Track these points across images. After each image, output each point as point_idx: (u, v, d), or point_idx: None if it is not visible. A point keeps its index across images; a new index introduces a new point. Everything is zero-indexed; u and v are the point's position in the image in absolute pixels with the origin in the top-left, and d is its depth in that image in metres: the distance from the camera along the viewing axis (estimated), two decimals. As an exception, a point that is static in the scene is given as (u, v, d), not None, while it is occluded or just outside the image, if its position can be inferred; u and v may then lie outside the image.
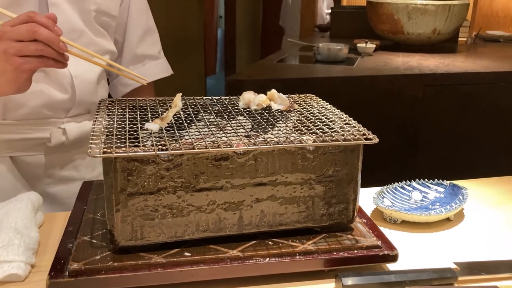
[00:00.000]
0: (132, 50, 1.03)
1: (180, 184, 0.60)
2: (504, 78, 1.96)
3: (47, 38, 0.69)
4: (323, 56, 2.15)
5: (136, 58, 1.04)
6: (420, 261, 0.68)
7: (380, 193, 0.84)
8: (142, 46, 1.04)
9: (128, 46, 1.03)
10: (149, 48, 1.06)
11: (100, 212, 0.71)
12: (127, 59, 1.04)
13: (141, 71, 1.05)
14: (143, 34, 1.04)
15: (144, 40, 1.04)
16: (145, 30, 1.05)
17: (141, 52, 1.04)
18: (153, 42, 1.06)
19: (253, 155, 0.61)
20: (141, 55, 1.04)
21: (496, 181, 0.98)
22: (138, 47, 1.04)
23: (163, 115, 0.70)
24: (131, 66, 1.04)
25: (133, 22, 1.02)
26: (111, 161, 0.57)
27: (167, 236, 0.61)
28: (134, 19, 1.02)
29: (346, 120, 0.70)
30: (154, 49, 1.07)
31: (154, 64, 1.07)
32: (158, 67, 1.08)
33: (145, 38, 1.04)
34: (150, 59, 1.06)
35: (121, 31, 1.02)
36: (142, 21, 1.04)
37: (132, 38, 1.03)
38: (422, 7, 2.32)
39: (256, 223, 0.64)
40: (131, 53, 1.04)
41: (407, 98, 1.85)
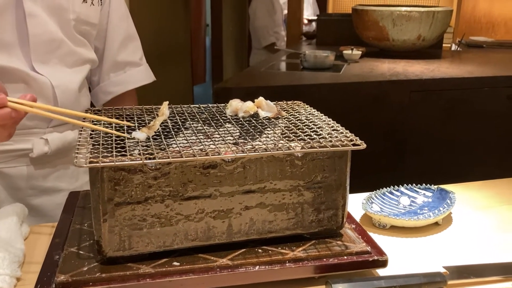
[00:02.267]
0: (113, 57, 1.02)
1: (168, 193, 0.59)
2: (488, 83, 1.99)
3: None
4: (309, 63, 2.16)
5: (117, 65, 1.03)
6: (410, 266, 0.68)
7: (368, 199, 0.84)
8: (123, 53, 1.03)
9: (109, 53, 1.02)
10: (130, 55, 1.04)
11: (87, 223, 0.70)
12: (108, 66, 1.02)
13: (122, 78, 1.04)
14: (124, 41, 1.03)
15: (125, 47, 1.03)
16: (126, 36, 1.03)
17: (122, 59, 1.03)
18: (134, 49, 1.05)
19: (241, 162, 0.61)
20: (122, 62, 1.03)
21: (483, 185, 0.99)
22: (119, 54, 1.02)
23: (150, 124, 0.69)
24: (112, 73, 1.03)
25: (113, 29, 1.01)
26: (98, 170, 0.57)
27: (155, 246, 0.61)
28: (114, 26, 1.01)
29: (334, 126, 0.70)
30: (135, 56, 1.05)
31: (135, 71, 1.05)
32: (140, 74, 1.06)
33: (126, 45, 1.03)
34: (131, 66, 1.05)
35: (101, 38, 1.00)
36: (122, 28, 1.02)
37: (113, 45, 1.01)
38: (407, 14, 2.35)
39: (246, 231, 0.64)
40: (112, 60, 1.02)
41: (394, 104, 1.87)
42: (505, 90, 1.99)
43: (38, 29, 0.83)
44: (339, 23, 2.98)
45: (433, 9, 2.38)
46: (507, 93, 1.99)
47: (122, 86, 1.04)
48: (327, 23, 3.06)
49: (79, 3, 0.89)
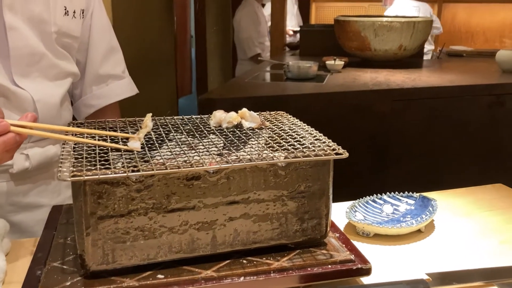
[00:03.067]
0: (95, 70, 1.01)
1: (151, 206, 0.59)
2: (469, 91, 2.03)
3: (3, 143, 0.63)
4: (293, 74, 2.18)
5: (99, 78, 1.02)
6: (393, 273, 0.69)
7: (352, 207, 0.85)
8: (105, 66, 1.02)
9: (91, 66, 1.01)
10: (113, 68, 1.04)
11: (70, 237, 0.70)
12: (90, 79, 1.02)
13: (105, 91, 1.03)
14: (106, 54, 1.02)
15: (107, 60, 1.03)
16: (108, 49, 1.03)
17: (104, 72, 1.02)
18: (116, 62, 1.05)
19: (225, 173, 0.61)
20: (105, 75, 1.03)
21: (465, 192, 1.01)
22: (101, 67, 1.02)
23: (133, 136, 0.69)
24: (95, 86, 1.02)
25: (95, 42, 1.00)
26: (81, 184, 0.56)
27: (139, 259, 0.60)
28: (96, 39, 1.00)
29: (317, 136, 0.71)
30: (118, 69, 1.05)
31: (118, 84, 1.05)
32: (122, 87, 1.06)
33: (108, 58, 1.03)
34: (114, 79, 1.04)
35: (83, 51, 1.00)
36: (104, 41, 1.02)
37: (95, 58, 1.01)
38: (388, 24, 2.39)
39: (230, 242, 0.64)
40: (94, 73, 1.02)
41: (376, 113, 1.89)
42: (485, 98, 2.03)
43: (19, 42, 0.83)
44: (322, 34, 3.02)
45: (413, 19, 2.43)
46: (487, 101, 2.03)
47: (104, 99, 1.04)
48: (310, 34, 3.10)
49: (61, 16, 0.89)
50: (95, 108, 1.03)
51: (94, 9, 1.00)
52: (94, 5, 1.00)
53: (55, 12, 0.88)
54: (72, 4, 0.92)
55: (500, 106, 2.04)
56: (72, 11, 0.92)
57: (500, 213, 0.90)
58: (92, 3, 0.99)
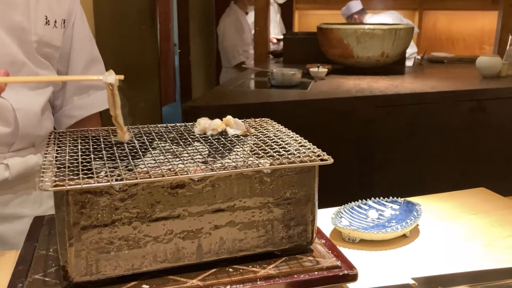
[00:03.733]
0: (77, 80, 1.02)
1: (135, 215, 0.58)
2: (450, 97, 2.06)
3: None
4: (277, 81, 2.19)
5: (80, 88, 1.02)
6: (380, 279, 0.69)
7: (337, 213, 0.85)
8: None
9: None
10: None
11: (52, 248, 0.68)
12: (72, 89, 1.01)
13: (86, 101, 1.03)
14: (88, 64, 1.02)
15: (89, 70, 1.02)
16: (89, 60, 1.03)
17: (85, 82, 1.02)
18: (98, 72, 1.04)
19: (210, 181, 0.61)
20: (86, 85, 1.02)
21: (448, 196, 1.02)
22: None
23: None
24: (76, 97, 1.02)
25: (77, 52, 1.00)
26: (63, 194, 0.56)
27: (123, 269, 0.59)
28: (77, 49, 1.00)
29: (301, 142, 0.71)
30: None
31: (99, 94, 1.05)
32: (103, 97, 1.05)
33: (89, 68, 1.03)
34: (95, 89, 1.04)
35: (64, 61, 0.99)
36: (86, 51, 1.02)
37: (76, 68, 1.01)
38: (370, 31, 2.42)
39: (216, 251, 0.63)
40: (76, 83, 1.01)
41: (360, 119, 1.91)
42: (467, 104, 2.07)
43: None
44: (305, 41, 3.04)
45: (395, 27, 2.46)
46: (469, 106, 2.06)
47: (86, 109, 1.03)
48: (293, 41, 3.11)
49: (42, 25, 0.88)
50: (76, 119, 1.02)
51: (76, 20, 1.00)
52: (76, 16, 0.99)
53: (36, 22, 0.87)
54: (53, 14, 0.91)
55: (481, 111, 2.07)
56: (53, 21, 0.91)
57: (483, 217, 0.91)
58: (74, 14, 0.99)
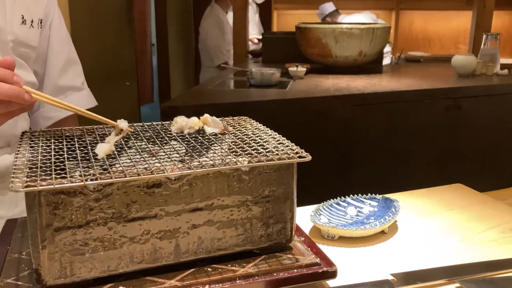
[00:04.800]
0: (54, 81, 1.00)
1: (110, 215, 0.57)
2: (427, 96, 2.09)
3: (10, 96, 0.65)
4: (256, 81, 2.19)
5: (58, 90, 1.00)
6: (359, 275, 0.69)
7: (317, 211, 0.85)
8: (65, 78, 1.01)
9: (50, 78, 0.99)
10: (72, 80, 1.03)
11: (25, 251, 0.67)
12: (49, 91, 0.99)
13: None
14: (65, 65, 1.01)
15: (66, 71, 1.01)
16: (67, 61, 1.02)
17: (63, 83, 1.01)
18: (75, 73, 1.03)
19: (187, 180, 0.60)
20: (64, 86, 1.01)
21: (426, 192, 1.03)
22: (60, 79, 1.00)
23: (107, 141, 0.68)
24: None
25: (54, 53, 0.99)
26: (35, 195, 0.54)
27: (99, 271, 0.58)
28: (55, 50, 0.99)
29: (280, 140, 0.71)
30: (77, 81, 1.04)
31: (77, 95, 1.04)
32: (82, 98, 1.04)
33: (67, 69, 1.01)
34: (73, 91, 1.03)
35: (41, 62, 0.98)
36: (63, 52, 1.01)
37: (54, 69, 0.99)
38: (348, 31, 2.43)
39: (194, 250, 0.62)
40: (53, 84, 1.00)
41: (338, 117, 1.92)
42: (442, 102, 2.10)
43: None
44: (283, 41, 3.05)
45: (372, 26, 2.49)
46: (445, 104, 2.10)
47: (63, 111, 1.01)
48: (272, 41, 3.12)
49: (18, 25, 0.86)
50: (53, 120, 1.01)
51: (53, 20, 0.98)
52: (53, 16, 0.98)
53: (12, 21, 0.85)
54: (30, 14, 0.89)
55: (457, 109, 2.11)
56: (29, 20, 0.89)
57: (460, 212, 0.92)
58: (51, 14, 0.97)
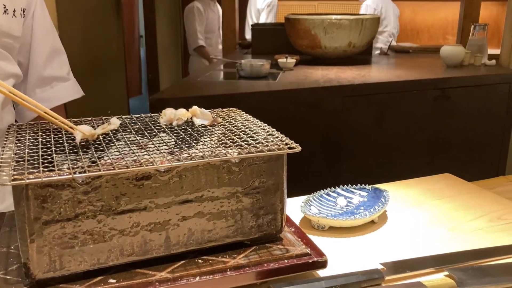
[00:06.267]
0: (39, 72, 0.98)
1: (100, 208, 0.57)
2: (416, 86, 2.10)
3: None
4: (246, 72, 2.18)
5: (43, 80, 0.99)
6: (349, 265, 0.69)
7: (307, 201, 0.85)
8: (49, 68, 0.99)
9: (34, 68, 0.98)
10: (57, 70, 1.01)
11: (14, 245, 0.66)
12: (34, 81, 0.98)
13: (49, 94, 1.00)
14: (50, 55, 0.99)
15: (51, 62, 1.00)
16: (52, 51, 1.00)
17: (48, 74, 0.99)
18: (61, 64, 1.02)
19: (176, 171, 0.60)
20: (49, 77, 1.00)
21: (414, 182, 1.04)
22: (45, 69, 0.99)
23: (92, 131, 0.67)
24: (38, 89, 0.99)
25: (38, 43, 0.97)
26: (22, 188, 0.53)
27: (89, 264, 0.58)
28: (39, 40, 0.97)
29: (269, 131, 0.71)
30: (62, 71, 1.02)
31: (63, 86, 1.02)
32: (67, 89, 1.03)
33: (52, 60, 1.00)
34: (58, 81, 1.01)
35: (24, 52, 0.96)
36: (47, 42, 0.99)
37: (38, 59, 0.98)
38: (337, 22, 2.43)
39: (184, 242, 0.62)
40: (38, 75, 0.98)
41: (328, 109, 1.92)
42: (431, 92, 2.11)
43: None
44: (273, 32, 3.04)
45: (361, 17, 2.48)
46: (433, 95, 2.11)
47: (49, 102, 1.00)
48: (261, 32, 3.10)
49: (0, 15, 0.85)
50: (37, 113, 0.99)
51: (36, 9, 0.96)
52: (36, 5, 0.96)
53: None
54: (12, 3, 0.88)
55: (445, 99, 2.12)
56: (12, 10, 0.88)
57: (448, 202, 0.93)
58: (34, 3, 0.95)
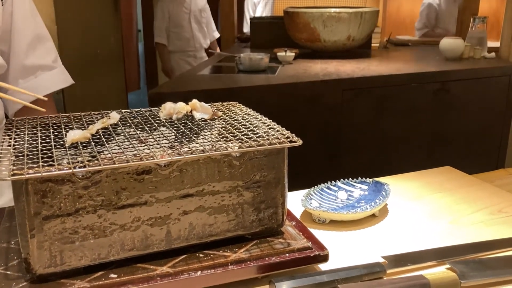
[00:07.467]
0: (20, 61, 0.92)
1: (100, 203, 0.56)
2: (415, 79, 2.09)
3: None
4: (245, 66, 2.17)
5: (25, 70, 0.93)
6: (350, 258, 0.69)
7: (307, 195, 0.85)
8: (32, 56, 0.94)
9: (15, 57, 0.92)
10: (41, 58, 0.95)
11: (14, 241, 0.66)
12: (15, 72, 0.93)
13: (33, 84, 0.94)
14: (32, 42, 0.93)
15: (34, 49, 0.93)
16: (34, 37, 0.94)
17: (31, 62, 0.93)
18: (45, 51, 0.96)
19: (177, 166, 0.59)
20: (31, 66, 0.94)
21: (415, 175, 1.04)
22: (27, 58, 0.93)
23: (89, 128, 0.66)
24: (21, 80, 0.93)
25: (18, 30, 0.91)
26: (22, 183, 0.53)
27: (90, 259, 0.58)
28: (19, 27, 0.91)
29: (270, 125, 0.70)
30: (47, 58, 0.96)
31: (48, 75, 0.96)
32: (53, 78, 0.97)
33: (34, 47, 0.93)
34: (43, 70, 0.95)
35: (6, 41, 0.91)
36: (29, 28, 0.93)
37: (19, 47, 0.92)
38: (336, 15, 2.42)
39: (185, 237, 0.62)
40: (19, 64, 0.93)
41: (328, 102, 1.92)
42: (431, 85, 2.10)
43: None
44: (272, 25, 3.02)
45: (360, 10, 2.47)
46: (433, 88, 2.10)
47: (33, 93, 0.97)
48: (260, 26, 3.09)
49: None
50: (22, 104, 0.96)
51: None
52: None
53: None
54: None
55: (445, 92, 2.12)
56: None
57: (448, 195, 0.93)
58: None
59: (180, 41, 3.93)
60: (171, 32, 3.92)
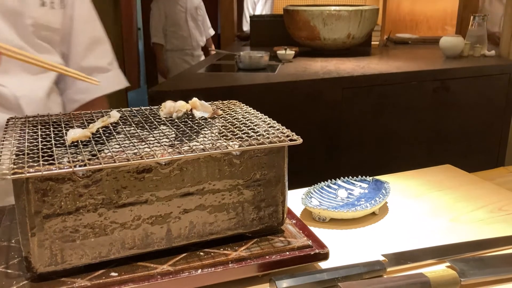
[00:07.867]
0: (78, 62, 0.95)
1: (100, 201, 0.56)
2: (415, 77, 2.09)
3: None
4: (245, 64, 2.17)
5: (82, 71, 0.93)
6: (351, 257, 0.69)
7: (307, 194, 0.85)
8: (89, 58, 0.96)
9: (73, 59, 0.95)
10: (97, 60, 0.97)
11: (15, 239, 0.66)
12: None
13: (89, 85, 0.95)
14: (90, 45, 0.96)
15: (91, 51, 0.96)
16: (92, 40, 0.96)
17: (87, 64, 0.96)
18: (102, 53, 0.98)
19: (177, 164, 0.59)
20: (88, 67, 0.96)
21: (415, 174, 1.04)
22: (84, 59, 0.95)
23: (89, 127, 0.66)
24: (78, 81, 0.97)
25: (78, 33, 0.94)
26: (23, 182, 0.53)
27: (90, 258, 0.58)
28: (78, 29, 0.94)
29: (270, 123, 0.70)
30: (103, 61, 0.99)
31: (103, 77, 0.99)
32: (108, 80, 0.99)
33: (92, 49, 0.96)
34: (99, 72, 0.98)
35: (66, 43, 0.93)
36: (88, 31, 0.96)
37: (77, 49, 0.95)
38: (336, 13, 2.42)
39: (186, 235, 0.62)
40: (77, 66, 0.95)
41: (327, 100, 1.92)
42: (431, 84, 2.10)
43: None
44: (272, 24, 3.02)
45: (360, 8, 2.47)
46: (433, 86, 2.10)
47: (89, 93, 0.97)
48: (260, 24, 3.09)
49: (36, 7, 0.83)
50: (79, 103, 0.96)
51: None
52: None
53: (30, 4, 0.82)
54: None
55: (445, 90, 2.12)
56: (49, 1, 0.85)
57: (448, 193, 0.93)
58: None
59: (177, 40, 3.93)
60: (168, 31, 3.91)
